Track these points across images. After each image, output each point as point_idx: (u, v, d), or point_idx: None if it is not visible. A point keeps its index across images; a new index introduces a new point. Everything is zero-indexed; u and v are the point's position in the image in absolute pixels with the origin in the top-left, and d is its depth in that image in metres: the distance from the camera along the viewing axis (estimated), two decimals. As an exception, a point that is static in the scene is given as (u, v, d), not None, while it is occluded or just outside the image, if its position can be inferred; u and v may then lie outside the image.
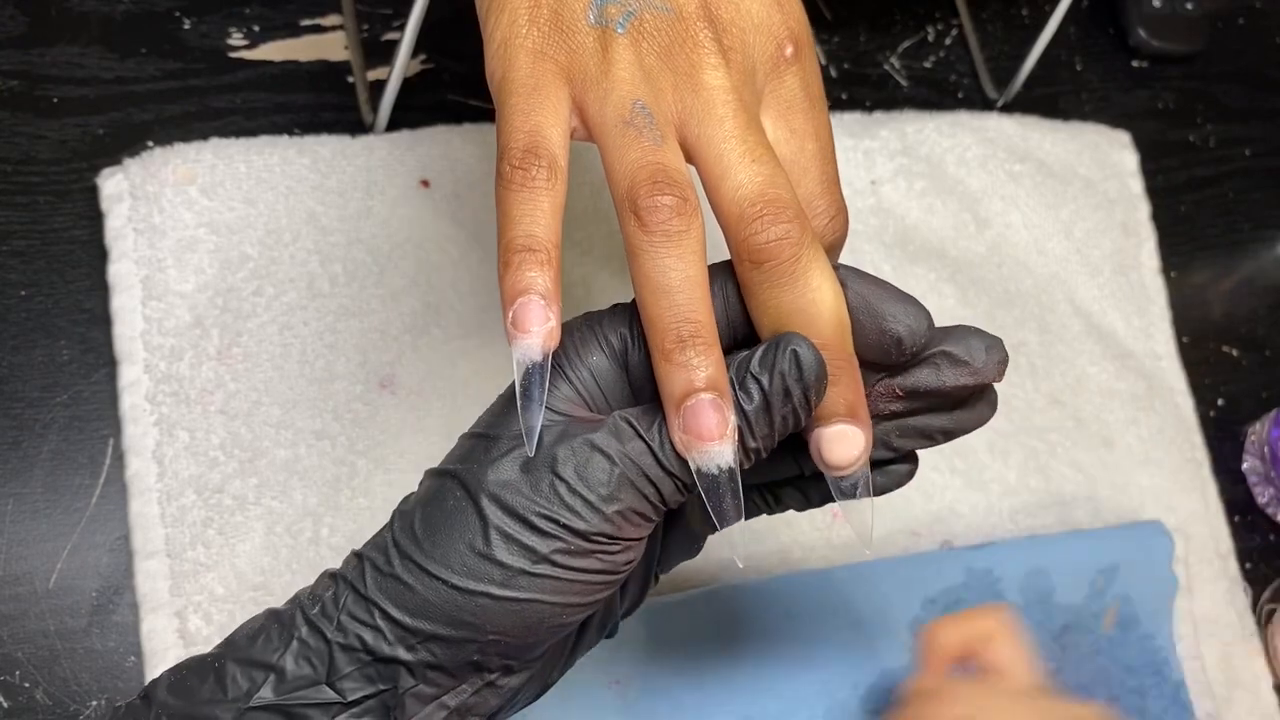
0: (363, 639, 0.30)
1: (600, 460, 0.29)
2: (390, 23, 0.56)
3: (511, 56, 0.31)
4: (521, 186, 0.30)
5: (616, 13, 0.31)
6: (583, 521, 0.29)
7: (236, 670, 0.30)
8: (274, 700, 0.29)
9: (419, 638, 0.29)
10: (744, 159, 0.30)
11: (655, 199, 0.29)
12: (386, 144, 0.52)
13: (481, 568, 0.29)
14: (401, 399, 0.49)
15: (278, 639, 0.30)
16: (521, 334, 0.29)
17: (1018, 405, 0.59)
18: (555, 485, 0.29)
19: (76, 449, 0.46)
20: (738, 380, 0.30)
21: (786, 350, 0.29)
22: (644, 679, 0.48)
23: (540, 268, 0.29)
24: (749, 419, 0.30)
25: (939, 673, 0.44)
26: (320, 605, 0.30)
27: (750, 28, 0.33)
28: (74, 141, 0.50)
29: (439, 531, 0.30)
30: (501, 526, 0.29)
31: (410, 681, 0.30)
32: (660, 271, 0.29)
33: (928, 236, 0.60)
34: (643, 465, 0.29)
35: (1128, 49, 0.70)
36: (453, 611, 0.29)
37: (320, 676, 0.30)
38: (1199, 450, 0.62)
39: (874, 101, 0.64)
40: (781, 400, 0.29)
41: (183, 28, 0.53)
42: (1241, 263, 0.68)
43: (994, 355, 0.32)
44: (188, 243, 0.49)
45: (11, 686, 0.43)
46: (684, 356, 0.29)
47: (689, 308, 0.29)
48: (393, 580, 0.30)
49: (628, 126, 0.30)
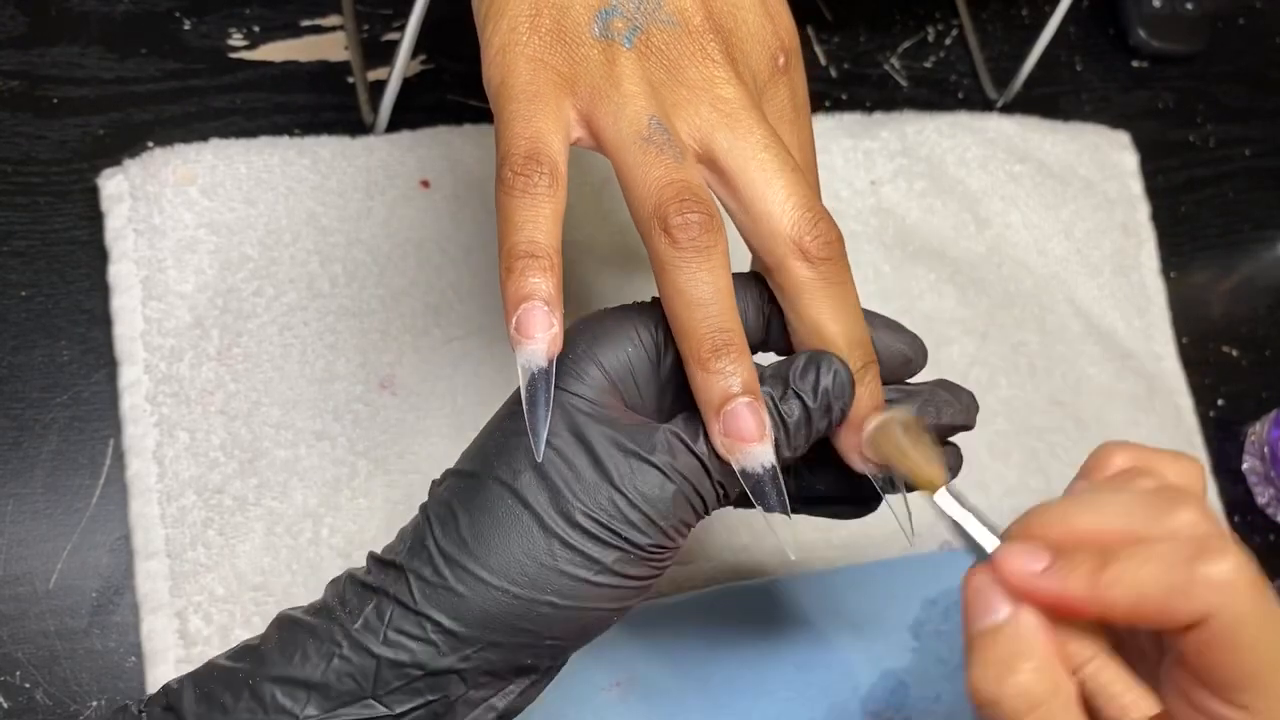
0: (413, 653, 0.30)
1: (656, 477, 0.30)
2: (390, 23, 0.56)
3: (511, 63, 0.31)
4: (523, 193, 0.30)
5: (623, 26, 0.31)
6: (644, 536, 0.30)
7: (275, 689, 0.30)
8: (320, 716, 0.29)
9: (474, 646, 0.30)
10: (783, 168, 0.32)
11: (685, 216, 0.30)
12: (386, 144, 0.52)
13: (544, 577, 0.29)
14: (402, 399, 0.49)
15: (316, 655, 0.30)
16: (526, 340, 0.30)
17: (1018, 406, 0.59)
18: (614, 500, 0.30)
19: (77, 449, 0.46)
20: (777, 393, 0.31)
21: (831, 370, 0.31)
22: (645, 680, 0.48)
23: (543, 273, 0.30)
24: (788, 430, 0.31)
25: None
26: (363, 620, 0.30)
27: (749, 38, 0.33)
28: (74, 142, 0.50)
29: (491, 539, 0.30)
30: (563, 536, 0.30)
31: (462, 689, 0.30)
32: (694, 285, 0.30)
33: (928, 237, 0.60)
34: (695, 481, 0.31)
35: (1128, 49, 0.70)
36: (513, 621, 0.30)
37: (365, 691, 0.30)
38: (1199, 450, 0.62)
39: (874, 101, 0.63)
40: (821, 414, 0.32)
41: (183, 28, 0.53)
42: (1241, 263, 0.68)
43: (974, 406, 0.37)
44: (188, 243, 0.49)
45: (11, 686, 0.43)
46: (720, 364, 0.30)
47: (722, 318, 0.31)
48: (445, 591, 0.30)
49: (647, 144, 0.31)
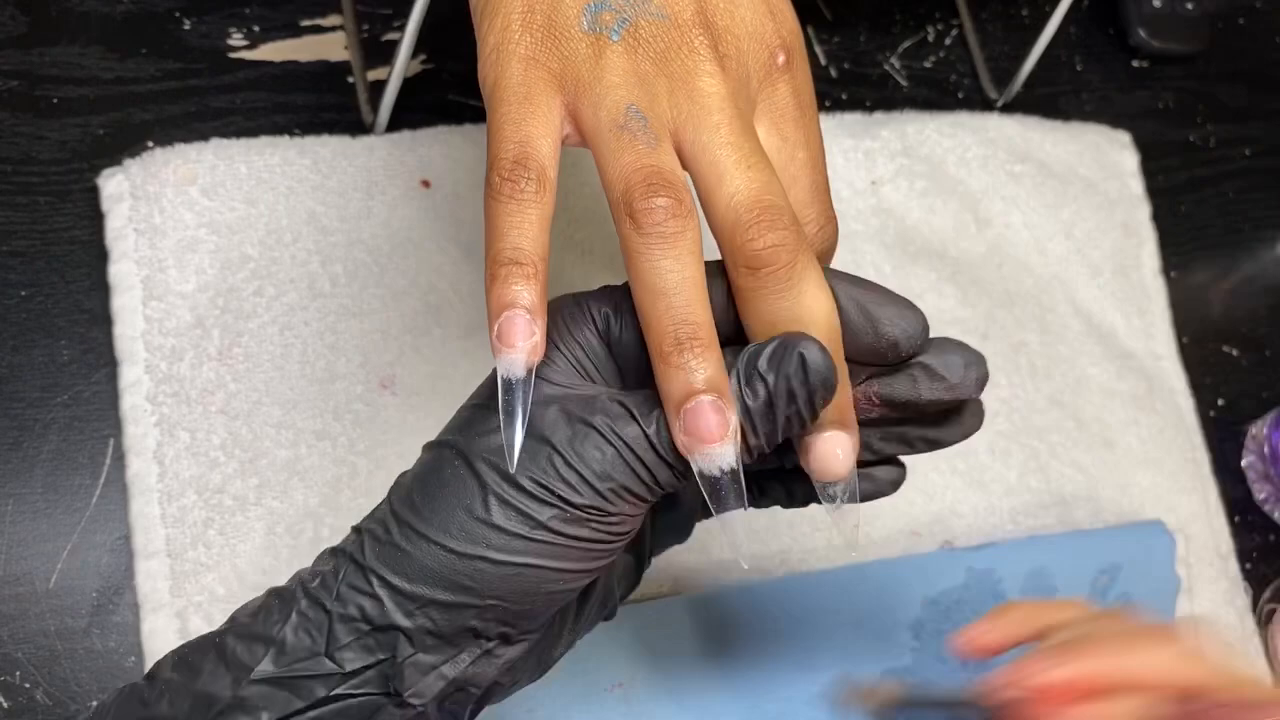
0: (362, 608, 0.30)
1: (595, 438, 0.30)
2: (390, 23, 0.56)
3: (504, 63, 0.31)
4: (510, 198, 0.30)
5: (611, 20, 0.31)
6: (578, 496, 0.29)
7: (237, 645, 0.30)
8: (274, 672, 0.30)
9: (417, 603, 0.30)
10: (739, 165, 0.30)
11: (650, 201, 0.29)
12: (387, 144, 0.52)
13: (479, 532, 0.29)
14: (402, 399, 0.49)
15: (278, 613, 0.31)
16: (506, 349, 0.29)
17: (1018, 406, 0.59)
18: (551, 457, 0.29)
19: (77, 449, 0.46)
20: (744, 376, 0.30)
21: (794, 352, 0.29)
22: (647, 681, 0.48)
23: (526, 281, 0.29)
24: (752, 416, 0.30)
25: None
26: (320, 578, 0.31)
27: (744, 35, 0.33)
28: (74, 141, 0.50)
29: (437, 498, 0.30)
30: (500, 493, 0.29)
31: (409, 650, 0.30)
32: (656, 273, 0.29)
33: (928, 237, 0.60)
34: (638, 450, 0.30)
35: (1128, 49, 0.70)
36: (451, 576, 0.30)
37: (320, 648, 0.30)
38: (1199, 450, 0.62)
39: (874, 101, 0.64)
40: (786, 401, 0.29)
41: (183, 28, 0.53)
42: (1241, 263, 0.68)
43: (972, 372, 0.32)
44: (188, 243, 0.48)
45: (11, 686, 0.43)
46: (682, 359, 0.29)
47: (686, 309, 0.29)
48: (391, 548, 0.30)
49: (621, 130, 0.30)
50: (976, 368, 0.32)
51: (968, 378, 0.32)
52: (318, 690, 0.30)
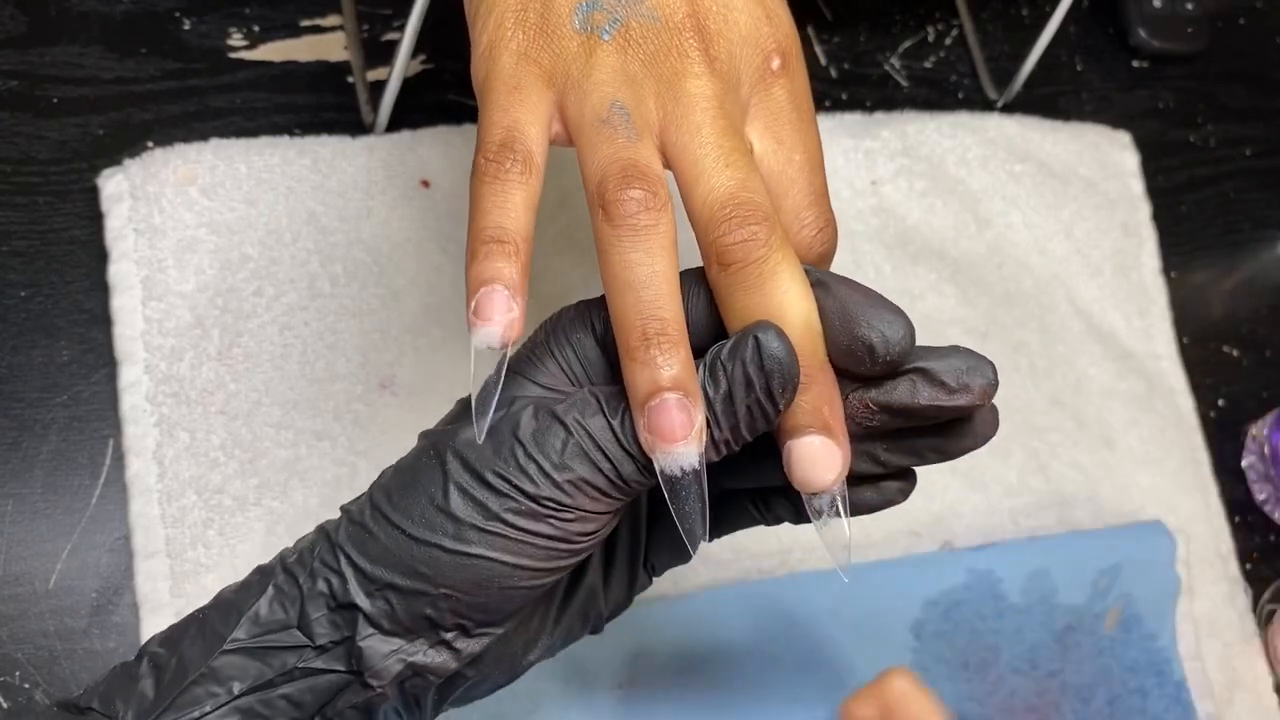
0: (330, 584, 0.30)
1: (557, 429, 0.29)
2: (390, 23, 0.56)
3: (496, 58, 0.32)
4: (494, 179, 0.30)
5: (603, 19, 0.32)
6: (533, 485, 0.29)
7: (215, 617, 0.31)
8: (246, 641, 0.30)
9: (376, 585, 0.30)
10: (718, 164, 0.30)
11: (623, 192, 0.29)
12: (387, 144, 0.52)
13: (436, 520, 0.29)
14: (402, 399, 0.49)
15: (257, 587, 0.31)
16: (482, 322, 0.29)
17: (1018, 406, 0.59)
18: (514, 448, 0.29)
19: (76, 449, 0.46)
20: (708, 367, 0.29)
21: (750, 337, 0.28)
22: (647, 682, 0.48)
23: (508, 259, 0.29)
24: (714, 408, 0.29)
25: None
26: (299, 554, 0.31)
27: (738, 39, 0.33)
28: (74, 141, 0.50)
29: (407, 486, 0.30)
30: (459, 482, 0.29)
31: (368, 630, 0.30)
32: (625, 267, 0.29)
33: (928, 237, 0.60)
34: (600, 440, 0.29)
35: (1128, 49, 0.70)
36: (407, 561, 0.30)
37: (292, 621, 0.31)
38: (1199, 450, 0.62)
39: (874, 101, 0.63)
40: (744, 390, 0.28)
41: (183, 28, 0.53)
42: (1241, 263, 0.68)
43: (975, 377, 0.30)
44: (188, 243, 0.48)
45: (11, 687, 0.43)
46: (649, 355, 0.29)
47: (655, 304, 0.29)
48: (360, 529, 0.31)
49: (603, 124, 0.30)
50: (980, 373, 0.30)
51: (970, 383, 0.30)
52: (289, 660, 0.30)
